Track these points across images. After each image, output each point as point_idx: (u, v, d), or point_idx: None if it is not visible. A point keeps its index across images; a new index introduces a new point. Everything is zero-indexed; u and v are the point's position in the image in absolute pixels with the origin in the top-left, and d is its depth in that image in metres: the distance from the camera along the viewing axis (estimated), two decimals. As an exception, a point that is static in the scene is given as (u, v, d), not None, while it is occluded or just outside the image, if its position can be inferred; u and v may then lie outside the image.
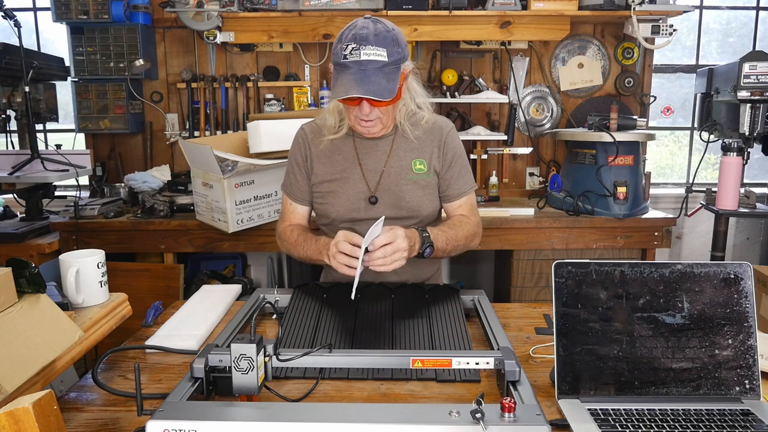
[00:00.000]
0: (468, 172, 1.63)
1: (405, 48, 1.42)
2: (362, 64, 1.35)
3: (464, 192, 1.61)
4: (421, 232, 1.43)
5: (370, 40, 1.35)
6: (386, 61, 1.36)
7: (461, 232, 1.53)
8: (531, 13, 2.85)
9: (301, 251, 1.54)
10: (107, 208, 2.65)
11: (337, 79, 1.38)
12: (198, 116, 3.14)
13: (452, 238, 1.50)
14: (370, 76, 1.35)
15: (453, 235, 1.51)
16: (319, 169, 1.58)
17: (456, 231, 1.52)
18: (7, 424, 0.73)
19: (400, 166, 1.55)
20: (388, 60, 1.36)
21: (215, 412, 0.84)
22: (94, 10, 2.89)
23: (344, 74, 1.36)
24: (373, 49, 1.35)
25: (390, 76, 1.38)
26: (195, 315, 1.44)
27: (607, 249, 2.69)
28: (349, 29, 1.38)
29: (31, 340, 0.99)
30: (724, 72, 2.95)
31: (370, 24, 1.37)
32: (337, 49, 1.38)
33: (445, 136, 1.58)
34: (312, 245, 1.50)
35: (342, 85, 1.36)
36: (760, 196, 2.99)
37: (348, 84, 1.34)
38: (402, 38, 1.42)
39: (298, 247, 1.55)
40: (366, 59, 1.34)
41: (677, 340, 1.02)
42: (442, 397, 1.06)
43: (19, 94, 2.64)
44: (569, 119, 3.25)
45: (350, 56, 1.35)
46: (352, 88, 1.34)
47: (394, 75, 1.39)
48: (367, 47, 1.34)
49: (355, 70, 1.35)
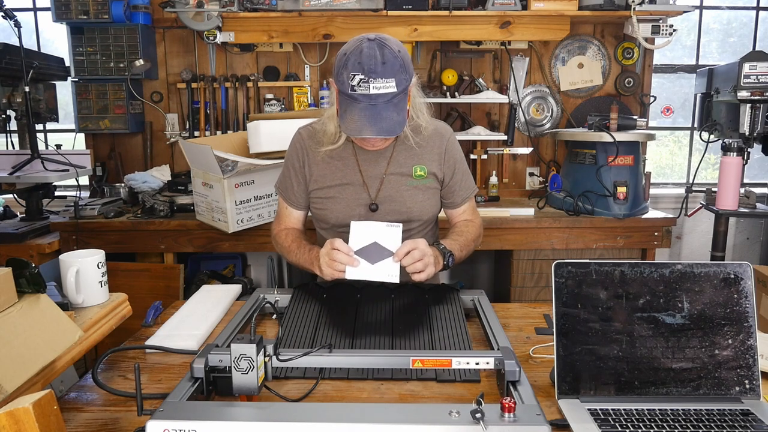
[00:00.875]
0: (468, 176, 1.65)
1: (411, 69, 1.39)
2: (372, 98, 1.31)
3: (467, 198, 1.64)
4: (437, 245, 1.45)
5: (378, 72, 1.30)
6: (395, 92, 1.32)
7: (470, 236, 1.58)
8: (531, 13, 2.85)
9: (293, 258, 1.56)
10: (107, 208, 2.65)
11: (346, 111, 1.35)
12: (198, 116, 3.14)
13: (464, 244, 1.55)
14: (381, 111, 1.32)
15: (464, 241, 1.55)
16: (317, 175, 1.58)
17: (465, 237, 1.57)
18: (7, 424, 0.73)
19: (401, 173, 1.55)
20: (397, 90, 1.32)
21: (215, 412, 0.84)
22: (94, 10, 2.89)
23: (353, 108, 1.33)
24: (382, 82, 1.30)
25: (399, 107, 1.35)
26: (195, 315, 1.44)
27: (607, 249, 2.69)
28: (355, 55, 1.31)
29: (31, 340, 0.99)
30: (724, 72, 2.95)
31: (377, 50, 1.31)
32: (342, 77, 1.33)
33: (446, 144, 1.59)
34: (305, 254, 1.51)
35: (353, 121, 1.33)
36: (760, 196, 2.99)
37: (359, 122, 1.32)
38: (408, 60, 1.37)
39: (291, 253, 1.56)
40: (375, 93, 1.30)
41: (677, 340, 1.02)
42: (442, 397, 1.06)
43: (19, 94, 2.64)
44: (569, 119, 3.25)
45: (358, 89, 1.30)
46: (365, 128, 1.32)
47: (403, 104, 1.37)
48: (376, 80, 1.30)
49: (365, 105, 1.32)
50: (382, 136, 1.34)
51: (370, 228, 1.36)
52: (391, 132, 1.34)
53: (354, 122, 1.33)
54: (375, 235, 1.35)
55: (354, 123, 1.33)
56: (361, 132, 1.33)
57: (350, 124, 1.34)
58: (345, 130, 1.36)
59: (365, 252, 1.34)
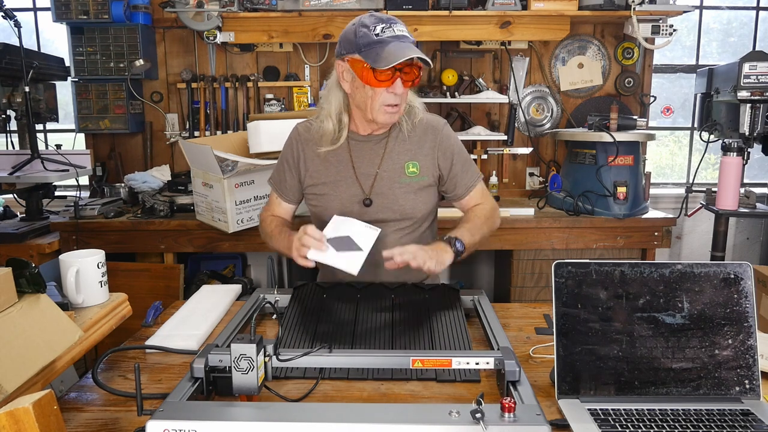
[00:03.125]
0: (471, 165, 1.63)
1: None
2: (399, 38, 1.39)
3: (472, 186, 1.62)
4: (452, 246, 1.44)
5: (393, 20, 1.40)
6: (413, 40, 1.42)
7: (479, 220, 1.57)
8: (531, 13, 2.85)
9: (274, 243, 1.58)
10: (107, 208, 2.65)
11: (379, 53, 1.37)
12: (198, 116, 3.14)
13: (474, 228, 1.53)
14: (411, 46, 1.39)
15: (472, 226, 1.54)
16: (312, 171, 1.58)
17: (473, 221, 1.56)
18: (7, 424, 0.73)
19: (393, 170, 1.55)
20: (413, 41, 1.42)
21: (215, 412, 0.84)
22: (94, 10, 2.89)
23: (385, 47, 1.37)
24: (401, 26, 1.41)
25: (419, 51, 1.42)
26: (195, 315, 1.44)
27: (607, 249, 2.69)
28: (365, 18, 1.41)
29: (31, 340, 0.99)
30: (724, 72, 2.95)
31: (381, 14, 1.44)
32: (362, 32, 1.39)
33: (439, 137, 1.58)
34: (284, 240, 1.52)
35: (391, 53, 1.36)
36: (760, 196, 2.99)
37: (398, 50, 1.36)
38: None
39: (273, 238, 1.58)
40: (401, 34, 1.39)
41: (677, 340, 1.02)
42: (442, 397, 1.06)
43: (19, 94, 2.64)
44: (569, 119, 3.25)
45: (383, 33, 1.38)
46: (407, 50, 1.36)
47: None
48: (397, 24, 1.40)
49: (396, 42, 1.38)
50: (423, 57, 1.38)
51: (348, 224, 1.39)
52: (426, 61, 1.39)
53: (392, 53, 1.36)
54: (351, 230, 1.38)
55: (393, 54, 1.36)
56: (405, 53, 1.35)
57: (389, 56, 1.36)
58: (387, 61, 1.35)
59: (336, 242, 1.36)
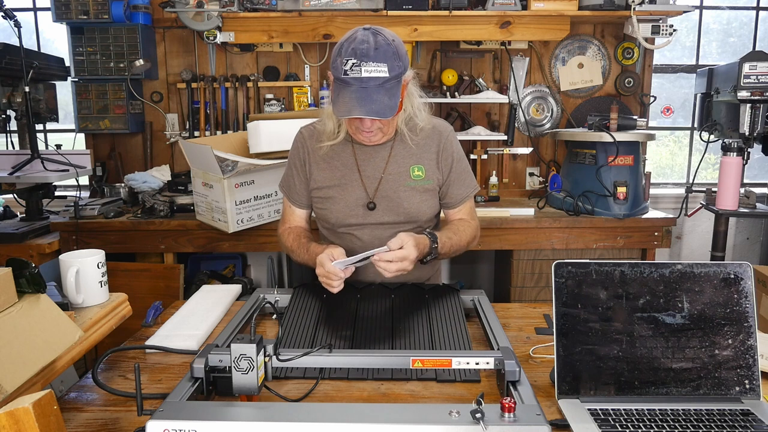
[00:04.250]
0: (468, 176, 1.62)
1: (406, 59, 1.40)
2: (363, 81, 1.33)
3: (465, 198, 1.62)
4: (431, 242, 1.45)
5: (370, 56, 1.32)
6: (387, 76, 1.34)
7: (464, 238, 1.57)
8: (531, 13, 2.85)
9: (297, 257, 1.58)
10: (107, 208, 2.65)
11: (339, 95, 1.36)
12: (198, 116, 3.14)
13: (456, 245, 1.54)
14: (372, 94, 1.34)
15: (457, 241, 1.54)
16: (318, 174, 1.58)
17: (460, 237, 1.55)
18: (7, 424, 0.73)
19: (399, 173, 1.55)
20: (389, 75, 1.34)
21: (215, 412, 0.84)
22: (94, 10, 2.89)
23: (345, 91, 1.35)
24: (374, 65, 1.32)
25: (391, 92, 1.36)
26: (195, 315, 1.44)
27: (607, 249, 2.69)
28: (349, 42, 1.34)
29: (31, 340, 0.99)
30: (724, 72, 2.95)
31: (370, 37, 1.34)
32: (336, 63, 1.35)
33: (443, 141, 1.58)
34: (303, 255, 1.53)
35: (344, 103, 1.34)
36: (760, 196, 2.99)
37: (350, 103, 1.33)
38: (403, 49, 1.39)
39: (294, 253, 1.59)
40: (367, 76, 1.33)
41: (677, 340, 1.02)
42: (442, 397, 1.06)
43: (19, 94, 2.64)
44: (569, 119, 3.25)
45: (351, 72, 1.33)
46: (354, 108, 1.33)
47: (395, 90, 1.37)
48: (368, 64, 1.32)
49: (356, 87, 1.34)
50: (371, 116, 1.34)
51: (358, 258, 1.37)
52: (380, 114, 1.34)
53: (344, 104, 1.34)
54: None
55: (344, 105, 1.34)
56: (350, 112, 1.33)
57: (341, 106, 1.35)
58: (336, 112, 1.37)
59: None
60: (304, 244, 1.55)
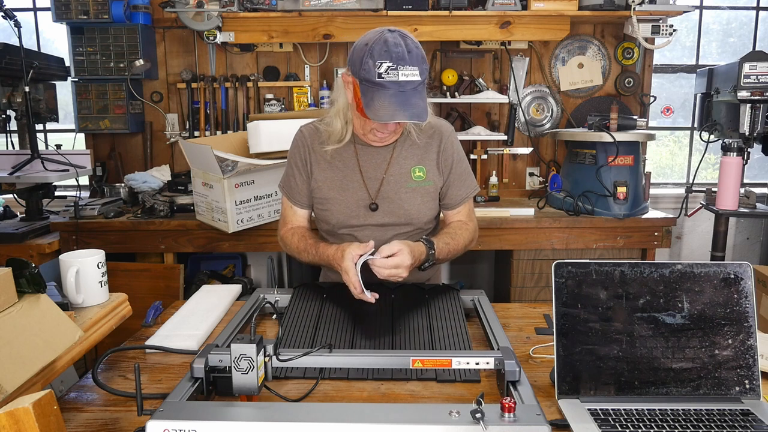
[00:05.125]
0: (468, 176, 1.62)
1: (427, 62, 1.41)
2: (401, 85, 1.32)
3: (465, 198, 1.62)
4: (428, 249, 1.45)
5: (405, 59, 1.32)
6: (420, 80, 1.35)
7: (461, 242, 1.56)
8: (531, 13, 2.85)
9: (305, 258, 1.55)
10: (107, 208, 2.65)
11: (373, 99, 1.34)
12: (198, 116, 3.14)
13: (453, 249, 1.53)
14: (410, 98, 1.34)
15: (455, 246, 1.54)
16: (319, 175, 1.57)
17: (457, 241, 1.55)
18: (7, 424, 0.73)
19: (400, 174, 1.55)
20: (420, 79, 1.35)
21: (215, 412, 0.84)
22: (94, 10, 2.89)
23: (382, 95, 1.33)
24: (410, 69, 1.32)
25: (422, 95, 1.37)
26: (195, 315, 1.44)
27: (607, 249, 2.69)
28: (379, 44, 1.32)
29: (31, 340, 0.99)
30: (724, 72, 2.95)
31: (401, 40, 1.33)
32: (368, 65, 1.32)
33: (444, 142, 1.58)
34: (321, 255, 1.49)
35: (383, 107, 1.33)
36: (760, 196, 2.99)
37: (390, 107, 1.32)
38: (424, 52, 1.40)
39: (302, 254, 1.56)
40: (404, 80, 1.32)
41: (677, 340, 1.02)
42: (442, 397, 1.06)
43: (19, 94, 2.64)
44: (569, 119, 3.25)
45: (386, 75, 1.31)
46: (397, 113, 1.32)
47: (424, 93, 1.38)
48: (405, 67, 1.32)
49: (395, 91, 1.33)
50: (414, 120, 1.35)
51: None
52: (420, 117, 1.35)
53: (384, 108, 1.33)
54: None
55: (385, 109, 1.33)
56: (393, 117, 1.33)
57: (380, 110, 1.33)
58: (375, 116, 1.35)
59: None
60: (312, 245, 1.53)
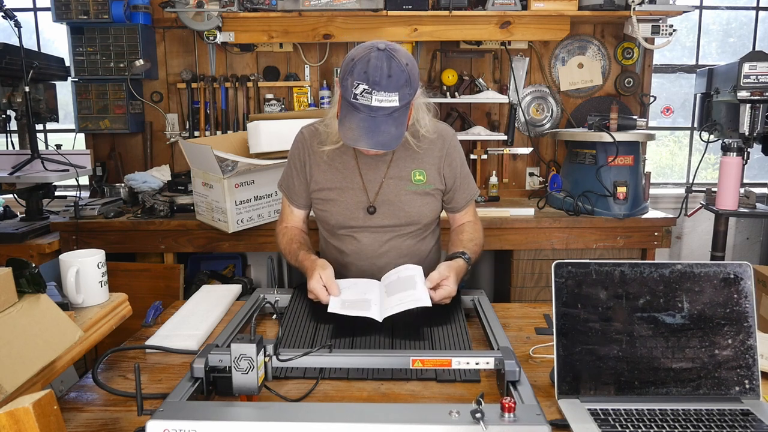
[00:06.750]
0: (470, 179, 1.65)
1: (417, 83, 1.36)
2: (372, 110, 1.31)
3: (470, 200, 1.65)
4: (467, 264, 1.48)
5: (382, 85, 1.29)
6: (397, 106, 1.31)
7: (480, 241, 1.62)
8: (531, 13, 2.85)
9: (289, 259, 1.60)
10: (107, 208, 2.65)
11: (346, 117, 1.35)
12: (198, 116, 3.14)
13: (478, 252, 1.59)
14: (380, 124, 1.32)
15: (478, 251, 1.59)
16: (318, 176, 1.58)
17: (478, 246, 1.60)
18: (7, 424, 0.73)
19: (400, 177, 1.55)
20: (398, 105, 1.31)
21: (215, 412, 0.84)
22: (94, 10, 2.89)
23: (353, 116, 1.33)
24: (385, 95, 1.29)
25: (399, 121, 1.34)
26: (195, 315, 1.44)
27: (607, 249, 2.69)
28: (362, 63, 1.30)
29: (31, 340, 0.99)
30: (724, 72, 2.95)
31: (384, 63, 1.29)
32: (346, 83, 1.32)
33: (447, 147, 1.58)
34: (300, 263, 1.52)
35: (350, 129, 1.33)
36: (760, 196, 2.99)
37: (357, 131, 1.32)
38: (415, 73, 1.35)
39: (286, 255, 1.61)
40: (377, 105, 1.30)
41: (677, 340, 1.02)
42: (442, 397, 1.06)
43: (19, 94, 2.64)
44: (569, 119, 3.25)
45: (360, 98, 1.30)
46: (361, 139, 1.32)
47: (402, 118, 1.36)
48: (379, 93, 1.29)
49: (365, 116, 1.32)
50: (377, 149, 1.35)
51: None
52: (386, 146, 1.34)
53: (352, 131, 1.33)
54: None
55: (351, 132, 1.33)
56: (356, 143, 1.33)
57: (348, 132, 1.34)
58: (342, 137, 1.36)
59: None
60: (294, 250, 1.56)
